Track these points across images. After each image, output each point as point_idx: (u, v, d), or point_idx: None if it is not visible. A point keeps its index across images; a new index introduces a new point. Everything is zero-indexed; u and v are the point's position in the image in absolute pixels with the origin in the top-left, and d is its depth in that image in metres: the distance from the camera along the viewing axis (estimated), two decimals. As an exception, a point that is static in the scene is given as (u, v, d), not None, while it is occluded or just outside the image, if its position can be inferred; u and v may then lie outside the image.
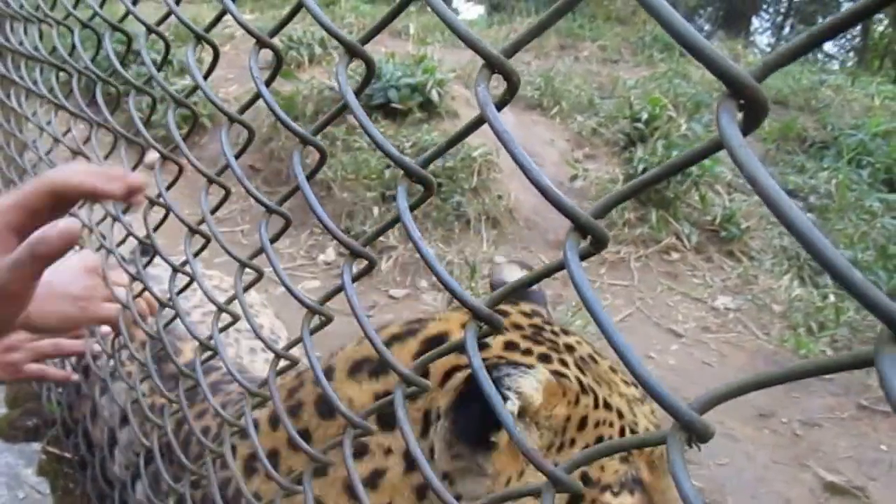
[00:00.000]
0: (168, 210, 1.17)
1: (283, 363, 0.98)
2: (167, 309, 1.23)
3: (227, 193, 1.08)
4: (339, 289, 0.78)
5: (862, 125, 6.88)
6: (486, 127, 0.57)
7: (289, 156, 4.91)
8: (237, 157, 0.97)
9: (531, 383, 0.97)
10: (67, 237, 0.88)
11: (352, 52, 0.71)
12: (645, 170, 5.04)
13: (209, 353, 1.14)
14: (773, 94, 7.71)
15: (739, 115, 0.41)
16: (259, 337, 1.02)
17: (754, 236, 5.24)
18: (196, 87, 1.00)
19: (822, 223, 5.37)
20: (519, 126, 5.88)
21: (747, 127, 0.41)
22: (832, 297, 4.37)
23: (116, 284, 1.28)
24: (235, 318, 1.09)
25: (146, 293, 1.27)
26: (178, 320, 1.19)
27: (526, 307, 1.21)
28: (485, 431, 1.00)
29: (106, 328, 1.45)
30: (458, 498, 1.04)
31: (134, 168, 1.27)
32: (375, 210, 4.63)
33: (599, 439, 1.05)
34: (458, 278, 4.07)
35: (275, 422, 1.18)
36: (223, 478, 1.19)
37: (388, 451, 1.04)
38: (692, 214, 5.22)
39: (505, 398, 0.95)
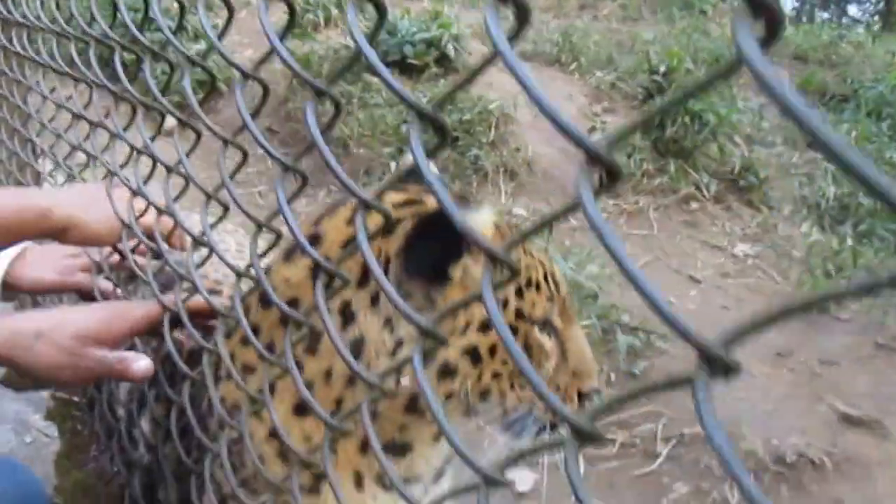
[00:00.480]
0: (188, 180, 1.15)
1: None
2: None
3: (245, 156, 1.06)
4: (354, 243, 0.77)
5: (882, 80, 6.75)
6: (503, 81, 0.55)
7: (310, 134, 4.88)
8: (253, 116, 0.93)
9: (487, 217, 1.04)
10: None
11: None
12: (662, 122, 4.97)
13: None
14: (793, 49, 7.57)
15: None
16: (264, 284, 1.01)
17: (773, 186, 5.17)
18: (211, 48, 0.97)
19: (842, 174, 5.27)
20: (537, 81, 5.79)
21: (766, 42, 0.39)
22: (850, 242, 4.31)
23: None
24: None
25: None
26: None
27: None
28: (439, 268, 1.07)
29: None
30: (398, 344, 1.08)
31: (153, 138, 1.25)
32: (392, 165, 4.61)
33: (529, 280, 1.15)
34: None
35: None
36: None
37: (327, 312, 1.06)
38: (711, 165, 5.16)
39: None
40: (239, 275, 1.07)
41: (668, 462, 2.60)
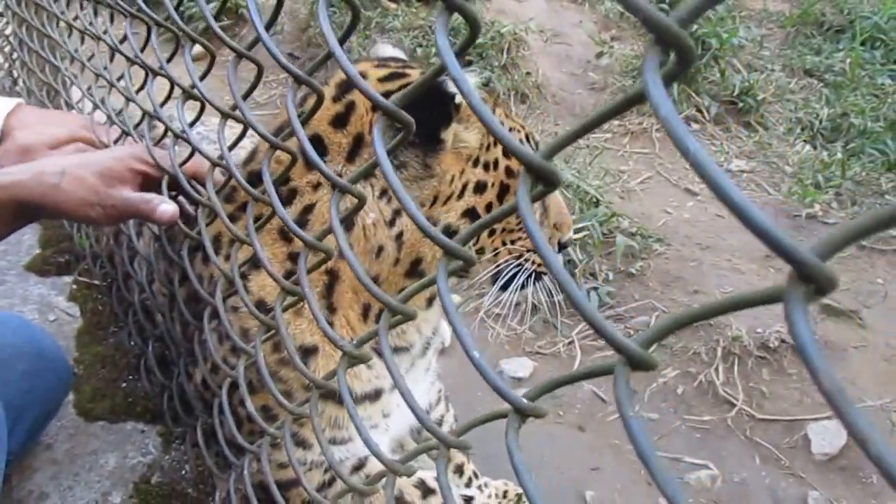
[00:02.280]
0: (203, 102, 1.07)
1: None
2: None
3: (260, 70, 0.97)
4: (374, 165, 0.69)
5: (877, 11, 6.47)
6: (514, 8, 0.45)
7: (325, 40, 4.76)
8: (267, 27, 0.84)
9: (472, 80, 0.94)
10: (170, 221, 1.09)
11: None
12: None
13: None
14: (793, -19, 7.26)
15: None
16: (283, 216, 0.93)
17: (770, 109, 5.00)
18: None
19: (836, 98, 5.09)
20: (548, 10, 5.62)
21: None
22: (839, 155, 4.17)
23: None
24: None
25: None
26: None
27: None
28: (431, 135, 1.02)
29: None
30: (397, 213, 1.02)
31: (169, 59, 1.17)
32: (410, 88, 4.50)
33: None
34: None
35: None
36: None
37: (317, 186, 1.00)
38: (712, 88, 4.99)
39: (453, 94, 0.99)
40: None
41: (658, 350, 2.54)
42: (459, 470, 1.58)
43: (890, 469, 0.29)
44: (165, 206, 1.07)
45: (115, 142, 1.30)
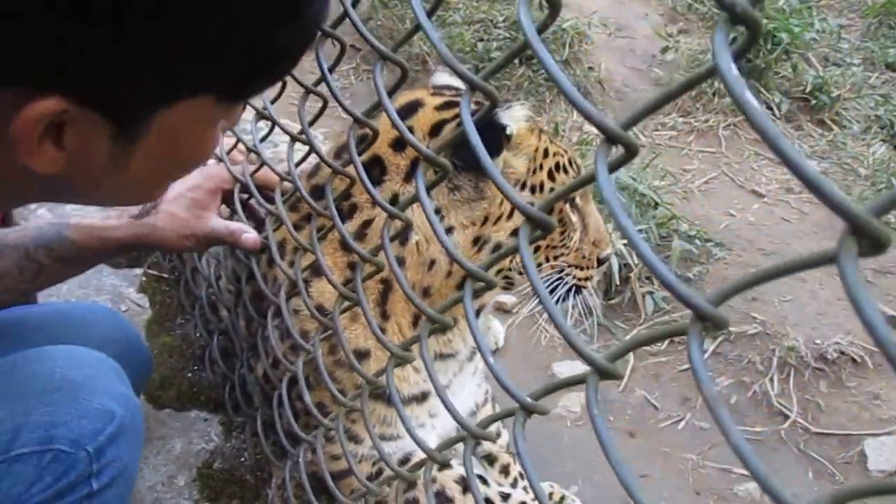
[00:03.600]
0: (284, 82, 1.19)
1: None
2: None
3: (343, 49, 1.09)
4: (414, 199, 0.82)
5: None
6: (578, 1, 0.53)
7: (387, 34, 4.93)
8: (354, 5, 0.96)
9: (521, 112, 1.16)
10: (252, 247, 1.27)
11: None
12: (735, 39, 4.80)
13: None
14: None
15: None
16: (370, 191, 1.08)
17: (847, 106, 4.97)
18: None
19: (924, 94, 5.04)
20: (613, 2, 5.67)
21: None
22: (919, 159, 4.16)
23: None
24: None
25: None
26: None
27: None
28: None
29: None
30: (449, 230, 1.15)
31: None
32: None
33: (557, 165, 1.27)
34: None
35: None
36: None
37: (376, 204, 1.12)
38: (783, 84, 4.98)
39: (505, 126, 1.15)
40: (293, 139, 1.15)
41: (713, 358, 2.63)
42: (505, 470, 1.71)
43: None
44: (247, 236, 1.27)
45: None
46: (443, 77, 1.48)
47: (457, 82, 1.45)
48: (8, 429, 0.96)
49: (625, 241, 2.86)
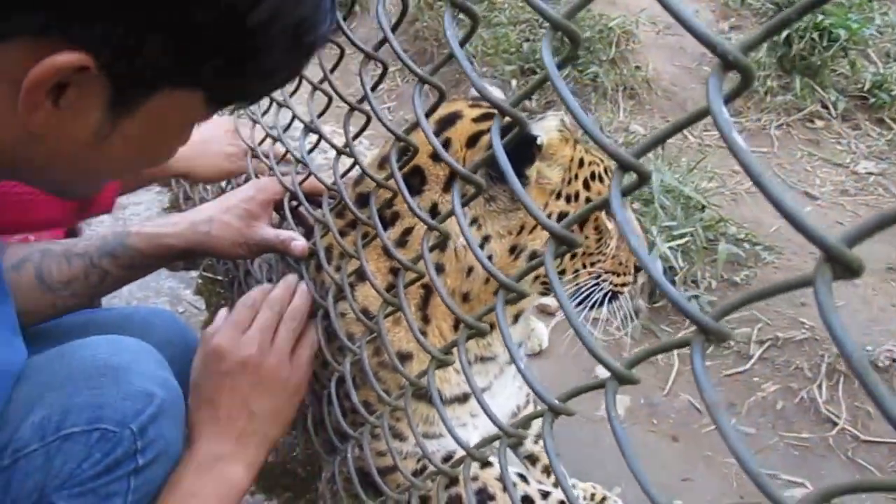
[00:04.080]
0: (330, 97, 1.30)
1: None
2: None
3: (385, 69, 1.16)
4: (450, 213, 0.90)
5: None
6: None
7: (433, 35, 5.02)
8: (393, 29, 1.03)
9: (553, 123, 1.22)
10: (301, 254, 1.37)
11: None
12: (789, 38, 4.80)
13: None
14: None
15: None
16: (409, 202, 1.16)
17: (908, 103, 4.92)
18: None
19: None
20: (663, -2, 5.68)
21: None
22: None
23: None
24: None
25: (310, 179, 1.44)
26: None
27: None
28: (518, 171, 1.19)
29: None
30: (486, 238, 1.22)
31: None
32: (514, 83, 4.68)
33: (593, 174, 1.31)
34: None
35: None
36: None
37: None
38: (840, 82, 4.95)
39: (536, 136, 1.21)
40: (338, 152, 1.24)
41: (760, 363, 2.66)
42: (546, 470, 1.78)
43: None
44: (296, 243, 1.37)
45: (261, 143, 1.59)
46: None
47: (498, 92, 1.52)
48: (57, 410, 1.06)
49: (669, 245, 2.90)
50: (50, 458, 1.05)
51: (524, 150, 1.21)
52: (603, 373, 2.60)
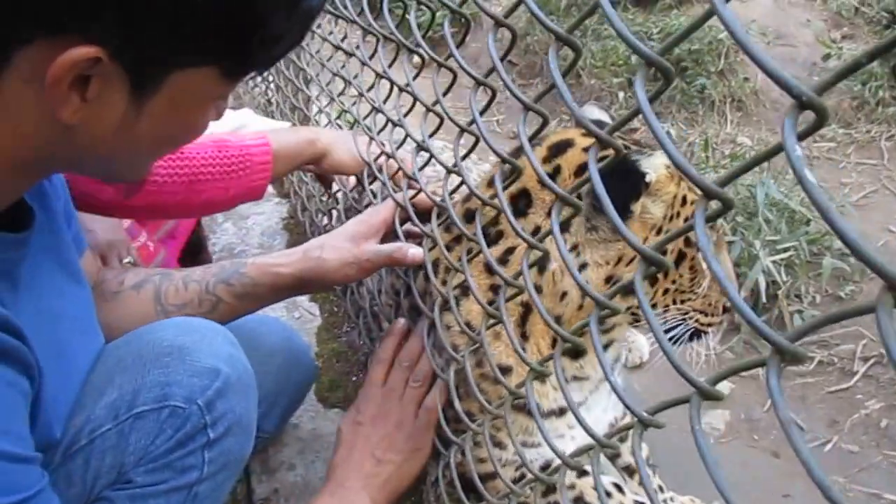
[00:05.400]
0: (442, 119, 1.34)
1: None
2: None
3: (494, 94, 1.18)
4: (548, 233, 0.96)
5: None
6: (737, 7, 0.62)
7: (543, 49, 5.03)
8: (502, 59, 1.04)
9: (661, 161, 1.22)
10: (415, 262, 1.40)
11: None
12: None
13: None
14: None
15: None
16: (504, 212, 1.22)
17: None
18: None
19: None
20: (774, 9, 5.54)
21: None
22: None
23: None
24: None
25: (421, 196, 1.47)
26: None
27: None
28: (623, 205, 1.24)
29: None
30: (583, 265, 1.24)
31: (415, 77, 1.42)
32: (621, 95, 4.66)
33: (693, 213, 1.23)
34: (697, 158, 4.05)
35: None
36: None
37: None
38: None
39: (645, 172, 1.22)
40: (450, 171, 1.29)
41: (863, 380, 2.58)
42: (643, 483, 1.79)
43: None
44: (414, 251, 1.40)
45: (376, 159, 1.65)
46: (592, 110, 1.57)
47: (604, 117, 1.54)
48: (129, 391, 1.11)
49: (773, 259, 2.84)
50: (124, 436, 1.10)
51: (633, 184, 1.23)
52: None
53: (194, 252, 2.43)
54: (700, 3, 5.19)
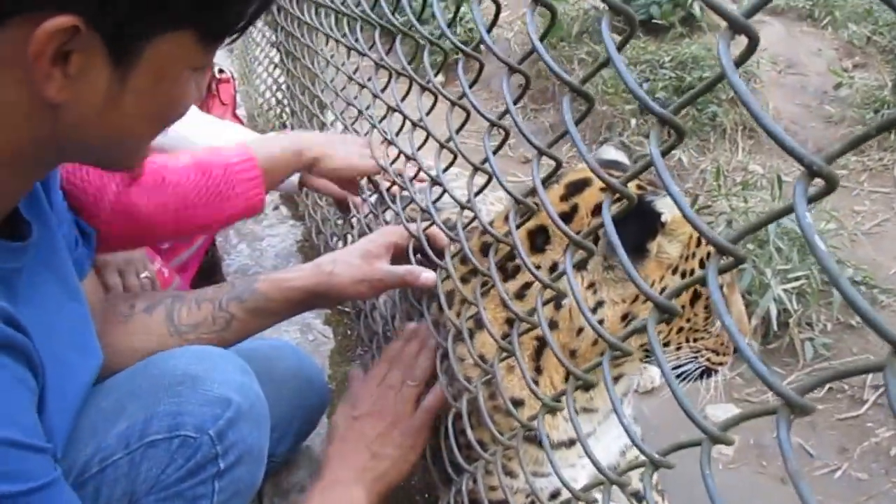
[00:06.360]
0: (456, 155, 1.34)
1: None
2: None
3: (507, 135, 1.19)
4: (562, 274, 0.97)
5: None
6: (744, 39, 0.61)
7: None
8: (515, 102, 1.06)
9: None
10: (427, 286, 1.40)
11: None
12: (916, 75, 4.59)
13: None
14: None
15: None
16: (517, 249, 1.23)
17: None
18: (481, 41, 1.10)
19: None
20: (786, 37, 5.55)
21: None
22: None
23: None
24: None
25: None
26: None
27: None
28: (639, 244, 1.25)
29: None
30: (599, 303, 1.24)
31: (428, 112, 1.44)
32: (633, 121, 4.67)
33: (709, 253, 1.28)
34: (709, 185, 4.05)
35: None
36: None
37: (537, 268, 1.18)
38: (970, 121, 4.68)
39: (660, 213, 1.22)
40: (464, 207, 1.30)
41: (874, 408, 2.57)
42: (652, 509, 1.78)
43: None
44: (427, 275, 1.40)
45: (392, 162, 1.64)
46: (609, 151, 1.58)
47: (622, 157, 1.55)
48: (140, 419, 1.12)
49: (784, 287, 2.84)
50: (135, 465, 1.10)
51: (649, 223, 1.24)
52: (715, 413, 2.56)
53: (208, 274, 2.45)
54: (711, 31, 5.21)
